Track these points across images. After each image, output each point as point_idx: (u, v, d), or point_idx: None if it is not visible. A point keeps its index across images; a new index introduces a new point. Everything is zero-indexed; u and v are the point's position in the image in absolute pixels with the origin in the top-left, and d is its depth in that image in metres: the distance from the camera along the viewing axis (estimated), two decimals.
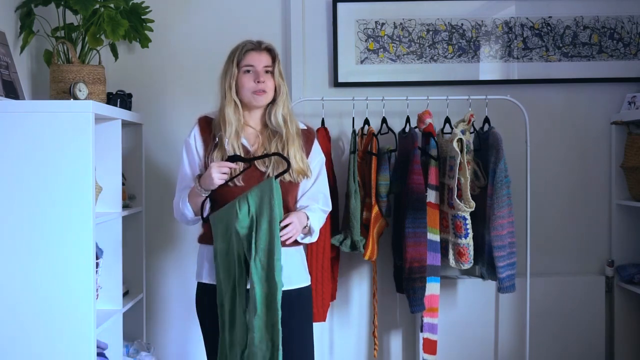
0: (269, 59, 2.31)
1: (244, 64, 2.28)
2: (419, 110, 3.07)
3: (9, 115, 2.32)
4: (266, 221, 2.16)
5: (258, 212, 2.17)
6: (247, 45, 2.31)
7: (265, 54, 2.31)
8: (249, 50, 2.30)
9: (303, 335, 2.31)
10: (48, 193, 2.31)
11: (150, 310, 3.34)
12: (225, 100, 2.29)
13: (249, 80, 2.28)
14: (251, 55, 2.29)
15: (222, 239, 2.21)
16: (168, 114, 3.36)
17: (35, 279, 2.31)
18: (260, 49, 2.30)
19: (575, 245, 3.42)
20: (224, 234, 2.21)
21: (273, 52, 2.32)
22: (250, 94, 2.28)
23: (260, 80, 2.27)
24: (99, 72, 2.82)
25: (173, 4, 3.34)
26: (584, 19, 3.37)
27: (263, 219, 2.16)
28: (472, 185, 2.97)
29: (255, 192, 2.18)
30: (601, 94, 3.40)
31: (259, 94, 2.28)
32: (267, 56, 2.31)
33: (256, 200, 2.17)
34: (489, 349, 3.27)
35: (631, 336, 3.35)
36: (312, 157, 2.38)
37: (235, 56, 2.30)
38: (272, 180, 2.17)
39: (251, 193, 2.17)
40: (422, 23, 3.35)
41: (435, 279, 2.97)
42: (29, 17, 2.78)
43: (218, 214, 2.23)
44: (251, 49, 2.30)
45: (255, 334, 2.14)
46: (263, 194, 2.17)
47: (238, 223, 2.15)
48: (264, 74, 2.28)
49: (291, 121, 2.33)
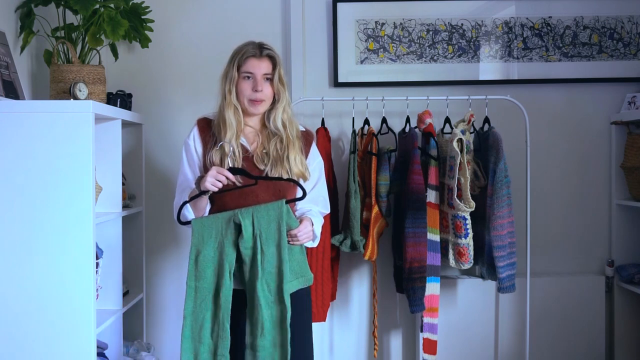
0: (269, 66, 2.29)
1: (243, 70, 2.28)
2: (419, 110, 3.07)
3: (9, 115, 2.32)
4: (273, 245, 2.17)
5: (264, 235, 2.17)
6: (249, 51, 2.28)
7: (266, 60, 2.29)
8: (249, 56, 2.28)
9: (303, 335, 2.31)
10: (48, 193, 2.31)
11: (150, 310, 3.34)
12: (225, 103, 2.29)
13: (247, 87, 2.27)
14: (251, 62, 2.28)
15: (211, 247, 2.18)
16: (168, 114, 3.36)
17: (36, 279, 2.31)
18: (261, 55, 2.29)
19: (575, 245, 3.42)
20: (213, 242, 2.18)
21: (274, 59, 2.31)
22: (247, 101, 2.28)
23: (257, 89, 2.26)
24: (99, 72, 2.82)
25: (173, 4, 3.35)
26: (584, 19, 3.37)
27: (270, 243, 2.17)
28: (472, 185, 2.97)
29: (261, 213, 2.17)
30: (601, 94, 3.40)
31: (255, 103, 2.28)
32: (267, 63, 2.29)
33: (262, 223, 2.17)
34: (489, 349, 3.27)
35: (631, 336, 3.35)
36: (310, 159, 2.38)
37: (236, 60, 2.29)
38: (283, 203, 2.18)
39: (257, 214, 2.17)
40: (422, 23, 3.35)
41: (435, 279, 2.96)
42: (29, 17, 2.78)
43: (204, 221, 2.20)
44: (252, 56, 2.28)
45: (260, 353, 2.15)
46: (271, 217, 2.17)
47: (242, 243, 2.15)
48: (262, 82, 2.27)
49: (291, 125, 2.32)
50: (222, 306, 2.16)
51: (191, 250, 2.19)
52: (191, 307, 2.18)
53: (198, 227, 2.19)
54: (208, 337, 2.17)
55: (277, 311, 2.17)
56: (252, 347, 2.17)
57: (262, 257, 2.16)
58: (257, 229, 2.17)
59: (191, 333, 2.18)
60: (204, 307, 2.18)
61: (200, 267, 2.18)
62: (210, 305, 2.18)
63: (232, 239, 2.18)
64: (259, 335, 2.15)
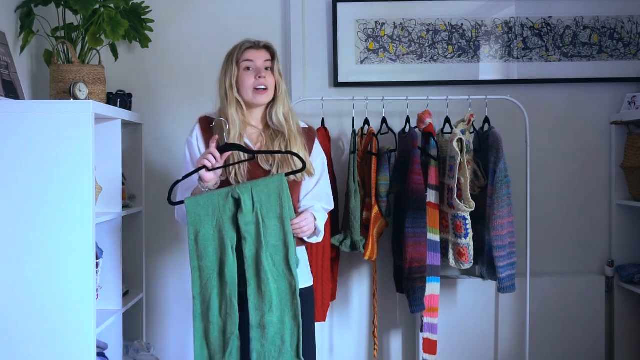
0: (268, 56, 2.31)
1: (243, 61, 2.28)
2: (419, 110, 3.07)
3: (9, 115, 2.32)
4: (275, 217, 2.16)
5: (265, 209, 2.16)
6: (246, 44, 2.31)
7: (264, 51, 2.31)
8: (247, 48, 2.30)
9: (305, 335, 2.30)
10: (48, 193, 2.31)
11: (150, 310, 3.34)
12: (227, 100, 2.28)
13: (249, 78, 2.27)
14: (250, 52, 2.29)
15: (209, 224, 2.16)
16: (168, 114, 3.36)
17: (35, 278, 2.31)
18: (259, 46, 2.31)
19: (575, 245, 3.42)
20: (211, 220, 2.16)
21: (272, 50, 2.33)
22: (251, 93, 2.28)
23: (261, 75, 2.27)
24: (99, 72, 2.82)
25: (173, 4, 3.34)
26: (584, 19, 3.37)
27: (272, 216, 2.16)
28: (472, 185, 2.97)
29: (260, 187, 2.16)
30: (601, 94, 3.40)
31: (259, 92, 2.27)
32: (266, 53, 2.31)
33: (262, 197, 2.16)
34: (489, 349, 3.27)
35: (631, 336, 3.35)
36: (314, 155, 2.38)
37: (234, 55, 2.30)
38: (283, 176, 2.17)
39: (255, 188, 2.16)
40: (422, 23, 3.35)
41: (435, 279, 2.96)
42: (29, 17, 2.78)
43: (199, 200, 2.17)
44: (249, 47, 2.30)
45: (269, 329, 2.14)
46: (271, 190, 2.16)
47: (242, 218, 2.14)
48: (264, 70, 2.28)
49: (292, 119, 2.33)
50: (228, 282, 2.15)
51: (189, 231, 2.17)
52: (198, 287, 2.18)
53: (193, 206, 2.17)
54: (217, 316, 2.16)
55: (286, 283, 2.16)
56: (259, 324, 2.15)
57: (265, 230, 2.15)
58: (257, 202, 2.15)
59: (201, 313, 2.18)
60: (209, 286, 2.17)
61: (201, 246, 2.17)
62: (216, 283, 2.17)
63: (231, 215, 2.16)
64: (267, 311, 2.14)
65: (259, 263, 2.15)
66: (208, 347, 2.18)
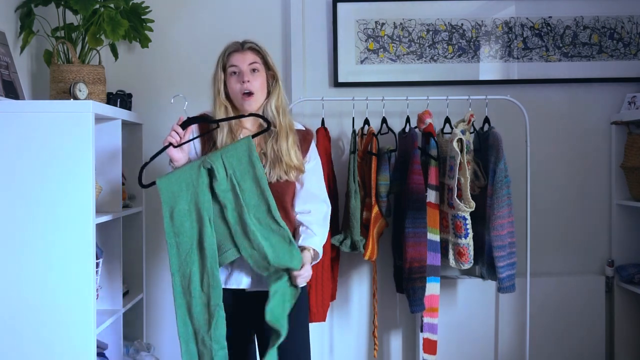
0: (254, 57, 2.30)
1: (228, 66, 2.29)
2: (419, 110, 3.07)
3: (9, 115, 2.32)
4: (250, 179, 2.18)
5: (238, 173, 2.18)
6: (230, 48, 2.31)
7: (249, 52, 2.30)
8: (232, 52, 2.30)
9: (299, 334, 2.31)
10: (48, 193, 2.31)
11: (150, 310, 3.34)
12: (216, 105, 2.30)
13: (236, 83, 2.28)
14: (235, 57, 2.29)
15: (185, 200, 2.18)
16: (168, 114, 3.35)
17: (35, 279, 2.31)
18: (243, 49, 2.30)
19: (575, 245, 3.42)
20: (185, 194, 2.18)
21: (257, 50, 2.32)
22: (240, 99, 2.28)
23: (244, 79, 2.26)
24: (99, 72, 2.82)
25: (173, 4, 3.35)
26: (584, 19, 3.37)
27: (246, 178, 2.18)
28: (472, 185, 2.97)
29: (230, 153, 2.19)
30: (601, 94, 3.40)
31: (246, 98, 2.27)
32: (251, 54, 2.30)
33: (233, 162, 2.18)
34: (489, 349, 3.27)
35: (631, 336, 3.35)
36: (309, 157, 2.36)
37: (220, 60, 2.32)
38: (249, 138, 2.20)
39: (225, 155, 2.18)
40: (422, 23, 3.35)
41: (435, 279, 2.96)
42: (29, 17, 2.78)
43: (170, 177, 2.20)
44: (234, 51, 2.30)
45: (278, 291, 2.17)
46: (240, 154, 2.19)
47: (218, 186, 2.16)
48: (249, 74, 2.27)
49: (284, 114, 2.32)
50: (208, 255, 2.16)
51: (164, 209, 2.19)
52: (176, 263, 2.20)
53: (165, 184, 2.19)
54: (198, 290, 2.18)
55: (278, 236, 2.19)
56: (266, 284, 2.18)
57: (243, 193, 2.18)
58: (229, 168, 2.18)
59: (181, 289, 2.19)
60: (189, 261, 2.18)
61: (177, 223, 2.18)
62: (196, 257, 2.18)
63: (206, 185, 2.18)
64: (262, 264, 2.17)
65: (244, 225, 2.17)
66: (192, 322, 2.19)
